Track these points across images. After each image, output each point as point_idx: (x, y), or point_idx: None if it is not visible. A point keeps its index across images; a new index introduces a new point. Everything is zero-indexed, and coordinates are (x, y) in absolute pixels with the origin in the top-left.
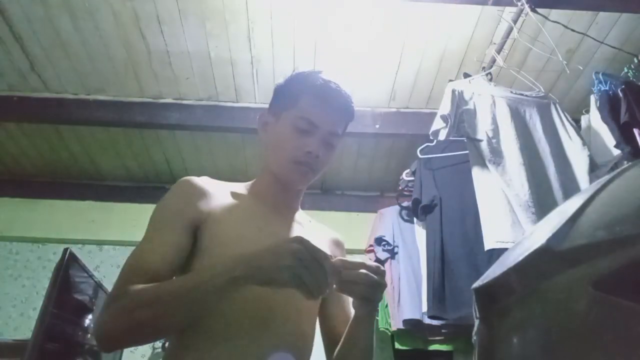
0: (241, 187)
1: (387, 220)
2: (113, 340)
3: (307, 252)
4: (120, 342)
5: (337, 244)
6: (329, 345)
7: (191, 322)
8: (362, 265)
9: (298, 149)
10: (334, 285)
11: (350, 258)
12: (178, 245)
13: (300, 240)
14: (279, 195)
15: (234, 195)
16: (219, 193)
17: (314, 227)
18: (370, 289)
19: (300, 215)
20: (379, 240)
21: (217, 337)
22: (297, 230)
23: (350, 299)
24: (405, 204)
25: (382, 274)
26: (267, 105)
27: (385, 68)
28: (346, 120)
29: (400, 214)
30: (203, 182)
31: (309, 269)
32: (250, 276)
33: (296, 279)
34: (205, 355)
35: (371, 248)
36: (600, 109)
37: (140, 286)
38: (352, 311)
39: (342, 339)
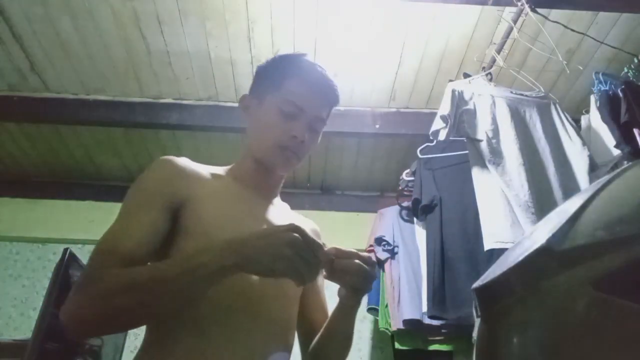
0: (221, 170)
1: (387, 220)
2: (84, 327)
3: (303, 242)
4: (92, 330)
5: (317, 234)
6: (306, 336)
7: (174, 311)
8: (355, 255)
9: (283, 133)
10: (324, 273)
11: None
12: (156, 227)
13: (295, 229)
14: (262, 180)
15: (216, 176)
16: (200, 173)
17: (294, 215)
18: (361, 279)
19: (280, 202)
20: (379, 240)
21: (204, 325)
22: (280, 216)
23: (325, 291)
24: (405, 204)
25: (373, 265)
26: None
27: (385, 68)
28: (331, 105)
29: (400, 214)
30: (184, 161)
31: (305, 259)
32: (243, 266)
33: (292, 270)
34: (193, 345)
35: (371, 248)
36: (600, 109)
37: (117, 270)
38: (335, 302)
39: (322, 329)
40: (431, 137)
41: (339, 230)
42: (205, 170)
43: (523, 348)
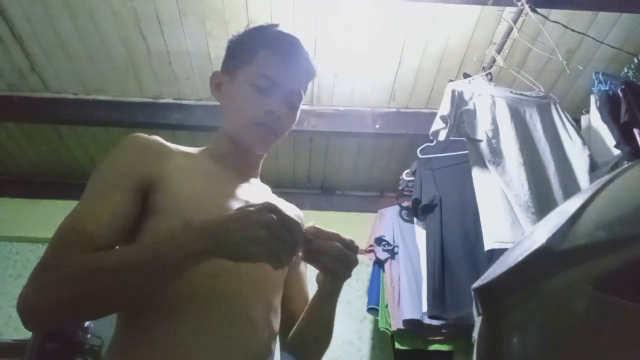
0: (195, 151)
1: (387, 220)
2: (42, 317)
3: (278, 222)
4: (51, 320)
5: (300, 219)
6: (285, 325)
7: (146, 299)
8: (336, 236)
9: (258, 109)
10: (300, 254)
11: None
12: (124, 208)
13: (270, 208)
14: (239, 159)
15: (190, 156)
16: (173, 152)
17: (275, 197)
18: (338, 262)
19: (260, 183)
20: (379, 240)
21: (182, 314)
22: (258, 196)
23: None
24: (405, 204)
25: (354, 249)
26: None
27: (385, 68)
28: (308, 77)
29: (400, 214)
30: (155, 139)
31: (281, 240)
32: (215, 251)
33: (268, 253)
34: (171, 335)
35: (371, 248)
36: (600, 109)
37: (80, 255)
38: (313, 292)
39: (300, 318)
40: (431, 137)
41: (339, 230)
42: (178, 149)
43: (523, 348)
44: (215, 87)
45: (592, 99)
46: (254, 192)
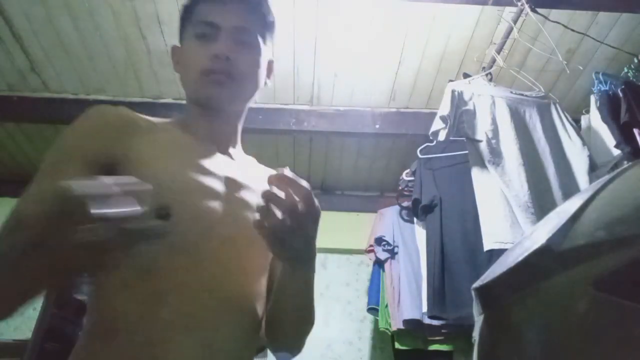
0: (166, 122)
1: (387, 220)
2: None
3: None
4: None
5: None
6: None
7: (125, 280)
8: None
9: (203, 57)
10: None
11: (347, 261)
12: None
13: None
14: (212, 127)
15: (161, 128)
16: (141, 127)
17: (254, 165)
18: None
19: (243, 155)
20: (379, 240)
21: (157, 303)
22: (240, 172)
23: None
24: (405, 204)
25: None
26: (267, 105)
27: (385, 68)
28: (255, 10)
29: (400, 214)
30: (120, 111)
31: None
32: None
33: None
34: (145, 324)
35: (371, 248)
36: (600, 109)
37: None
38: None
39: (271, 298)
40: (431, 137)
41: (339, 230)
42: (147, 121)
43: (523, 348)
44: (175, 62)
45: (592, 99)
46: (234, 168)
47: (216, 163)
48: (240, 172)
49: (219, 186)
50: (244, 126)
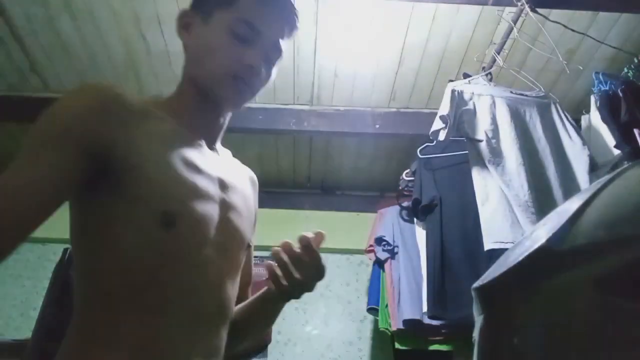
0: (160, 106)
1: (387, 220)
2: None
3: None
4: None
5: (253, 182)
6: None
7: (106, 289)
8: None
9: (238, 61)
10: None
11: (347, 261)
12: (65, 172)
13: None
14: (207, 119)
15: (154, 116)
16: (135, 113)
17: (233, 162)
18: (294, 286)
19: (222, 148)
20: (379, 240)
21: (155, 306)
22: (230, 172)
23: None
24: (405, 204)
25: (317, 267)
26: (267, 105)
27: (385, 68)
28: (291, 30)
29: (400, 214)
30: (115, 92)
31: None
32: None
33: None
34: (141, 327)
35: (371, 248)
36: (600, 109)
37: None
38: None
39: (243, 306)
40: (431, 138)
41: (339, 230)
42: (139, 103)
43: (523, 348)
44: (183, 27)
45: (592, 99)
46: (224, 168)
47: (209, 163)
48: (228, 173)
49: (214, 190)
50: (244, 126)
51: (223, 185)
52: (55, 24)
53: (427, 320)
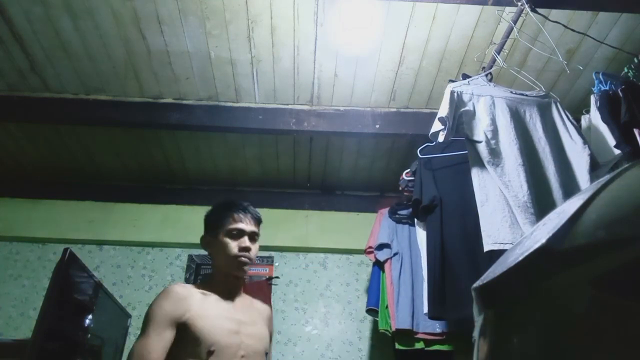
0: (205, 286)
1: (387, 220)
2: None
3: None
4: None
5: (265, 314)
6: None
7: None
8: None
9: (236, 248)
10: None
11: (347, 261)
12: (169, 339)
13: None
14: (232, 286)
15: (204, 294)
16: (193, 296)
17: (252, 304)
18: None
19: (244, 295)
20: (381, 247)
21: None
22: (249, 314)
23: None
24: (401, 210)
25: None
26: (267, 105)
27: (385, 68)
28: (258, 222)
29: (393, 214)
30: (184, 289)
31: None
32: None
33: None
34: None
35: (370, 249)
36: (600, 109)
37: None
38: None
39: None
40: (430, 139)
41: (339, 230)
42: (197, 292)
43: (523, 348)
44: (205, 244)
45: (592, 99)
46: (242, 312)
47: (233, 311)
48: (245, 314)
49: (235, 327)
50: (244, 126)
51: (241, 324)
52: (55, 24)
53: (420, 329)
